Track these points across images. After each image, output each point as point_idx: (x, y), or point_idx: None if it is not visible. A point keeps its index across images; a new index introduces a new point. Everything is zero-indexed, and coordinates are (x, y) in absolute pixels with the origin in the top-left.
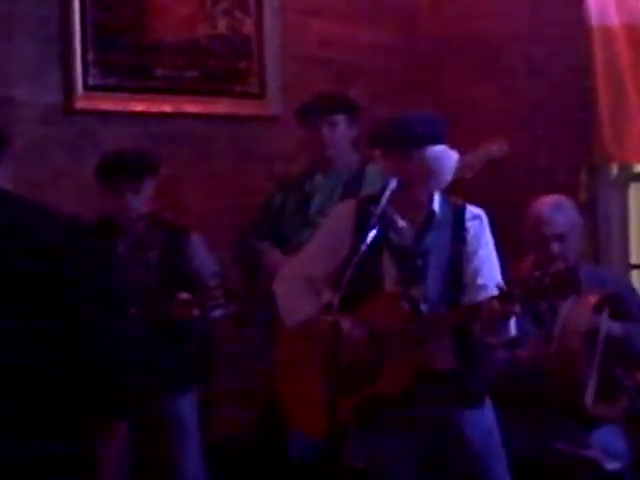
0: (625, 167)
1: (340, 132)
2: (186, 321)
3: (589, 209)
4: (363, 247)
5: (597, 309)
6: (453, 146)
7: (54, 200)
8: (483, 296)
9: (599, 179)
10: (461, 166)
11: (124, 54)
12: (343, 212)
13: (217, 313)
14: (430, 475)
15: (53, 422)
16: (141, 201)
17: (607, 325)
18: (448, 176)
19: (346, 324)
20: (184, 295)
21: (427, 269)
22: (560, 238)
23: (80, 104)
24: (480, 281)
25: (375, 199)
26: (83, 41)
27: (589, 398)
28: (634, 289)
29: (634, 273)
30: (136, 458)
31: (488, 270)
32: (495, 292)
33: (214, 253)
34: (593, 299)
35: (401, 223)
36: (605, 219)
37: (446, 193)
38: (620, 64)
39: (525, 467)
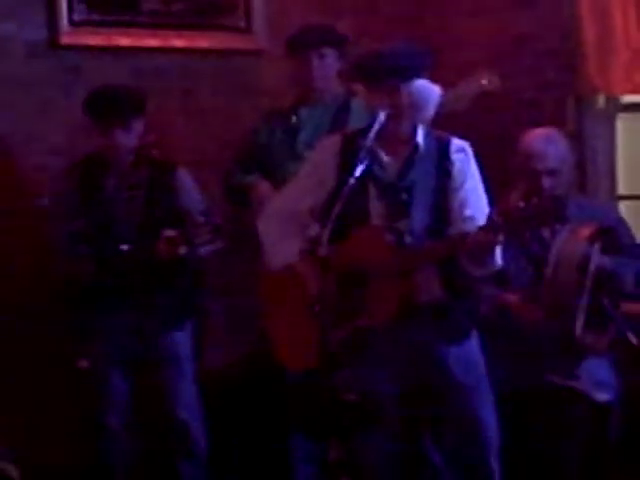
0: (612, 98)
1: (329, 65)
2: (180, 261)
3: (576, 141)
4: (352, 180)
5: (591, 242)
6: (439, 79)
7: (41, 136)
8: (470, 227)
9: (586, 111)
10: (452, 98)
11: None
12: (328, 146)
13: (204, 250)
14: (415, 406)
15: None
16: (131, 138)
17: (598, 258)
18: (432, 110)
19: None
20: (169, 232)
21: (412, 203)
22: (552, 172)
23: (66, 39)
24: (468, 212)
25: (361, 133)
26: None
27: (579, 327)
28: (623, 220)
29: (621, 204)
30: (133, 392)
31: (475, 202)
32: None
33: (201, 189)
34: (586, 231)
35: (385, 158)
36: (592, 151)
37: (431, 127)
38: None
39: (514, 399)
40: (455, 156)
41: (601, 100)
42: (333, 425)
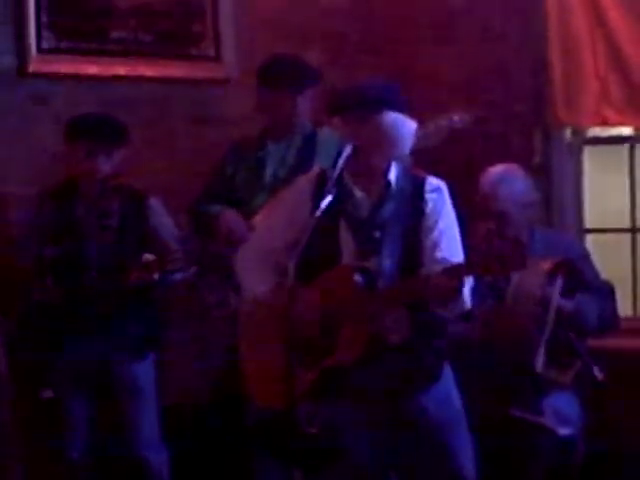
0: (579, 131)
1: (307, 103)
2: (146, 286)
3: (543, 173)
4: (317, 213)
5: (551, 275)
6: (410, 110)
7: (8, 164)
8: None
9: (553, 143)
10: (423, 136)
11: (78, 16)
12: (303, 184)
13: (177, 277)
14: (385, 444)
15: None
16: (110, 167)
17: (558, 299)
18: (406, 145)
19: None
20: (148, 257)
21: (384, 241)
22: (500, 215)
23: (34, 67)
24: (439, 254)
25: (330, 170)
26: (36, 4)
27: (539, 363)
28: (588, 254)
29: (588, 237)
30: (94, 422)
31: (447, 243)
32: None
33: (171, 217)
34: (546, 265)
35: (358, 193)
36: (559, 183)
37: (406, 164)
38: (576, 28)
39: (480, 432)
40: (429, 195)
41: (568, 133)
42: (296, 457)
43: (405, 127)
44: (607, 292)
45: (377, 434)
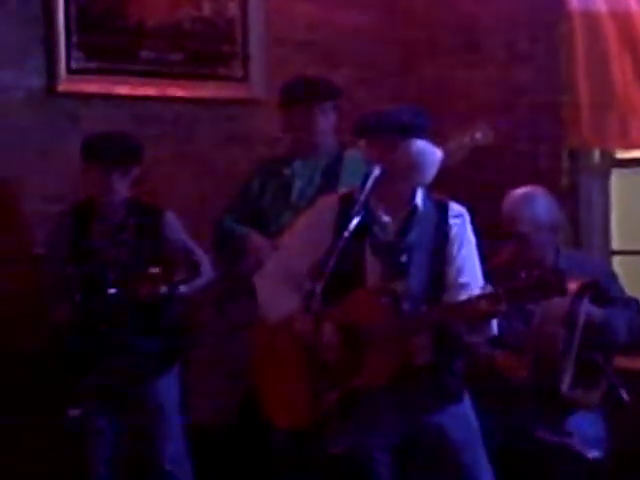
0: (607, 153)
1: (329, 118)
2: (156, 299)
3: (571, 195)
4: (346, 234)
5: (578, 296)
6: (436, 130)
7: (38, 183)
8: (465, 294)
9: (581, 165)
10: (446, 153)
11: (107, 37)
12: (325, 206)
13: (183, 289)
14: (409, 464)
15: None
16: (126, 185)
17: (587, 310)
18: (431, 172)
19: (326, 329)
20: (153, 270)
21: (410, 265)
22: (522, 237)
23: (63, 87)
24: (462, 280)
25: (358, 191)
26: (66, 24)
27: (565, 384)
28: (615, 275)
29: (615, 259)
30: (118, 439)
31: (470, 269)
32: (477, 291)
33: (195, 236)
34: (573, 286)
35: (384, 217)
36: (587, 205)
37: (430, 188)
38: (606, 51)
39: (505, 456)
40: (453, 221)
41: (596, 155)
42: (321, 477)
43: (431, 156)
44: (635, 306)
45: (398, 454)
